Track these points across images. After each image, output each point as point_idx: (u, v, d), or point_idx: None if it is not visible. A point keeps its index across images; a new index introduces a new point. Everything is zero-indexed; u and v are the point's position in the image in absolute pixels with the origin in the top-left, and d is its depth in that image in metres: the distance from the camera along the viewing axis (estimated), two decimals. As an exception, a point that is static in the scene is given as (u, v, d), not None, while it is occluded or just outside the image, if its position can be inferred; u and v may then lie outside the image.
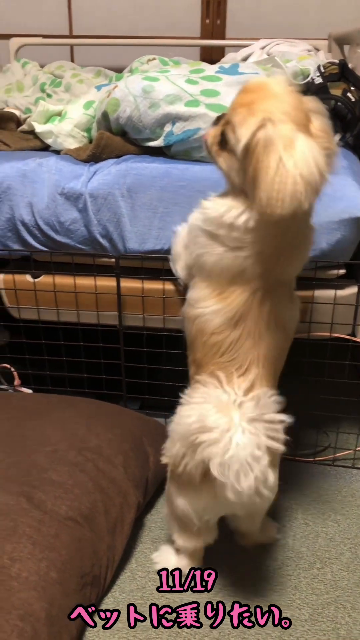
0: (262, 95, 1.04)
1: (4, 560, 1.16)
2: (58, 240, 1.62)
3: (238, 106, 1.06)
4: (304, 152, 0.99)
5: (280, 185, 0.97)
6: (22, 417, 1.60)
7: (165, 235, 1.58)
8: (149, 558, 1.43)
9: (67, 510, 1.30)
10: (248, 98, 1.05)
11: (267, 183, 0.98)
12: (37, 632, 1.08)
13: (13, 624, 1.07)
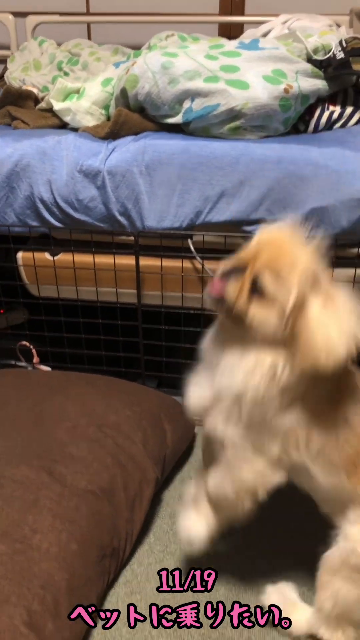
0: (290, 245, 1.00)
1: (25, 531, 1.18)
2: (76, 218, 1.62)
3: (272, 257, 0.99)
4: (348, 307, 0.98)
5: (327, 342, 0.95)
6: (42, 394, 1.62)
7: (184, 212, 1.57)
8: (167, 532, 1.45)
9: (87, 484, 1.31)
10: (279, 249, 1.00)
11: (314, 338, 0.95)
12: (58, 600, 1.11)
13: (34, 592, 1.09)
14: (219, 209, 1.56)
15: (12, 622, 1.04)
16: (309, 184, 1.51)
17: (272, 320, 0.98)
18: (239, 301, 0.99)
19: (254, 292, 0.98)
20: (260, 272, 0.98)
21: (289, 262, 0.97)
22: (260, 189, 1.53)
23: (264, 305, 0.98)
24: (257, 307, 0.98)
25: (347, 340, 0.95)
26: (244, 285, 0.99)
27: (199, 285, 1.66)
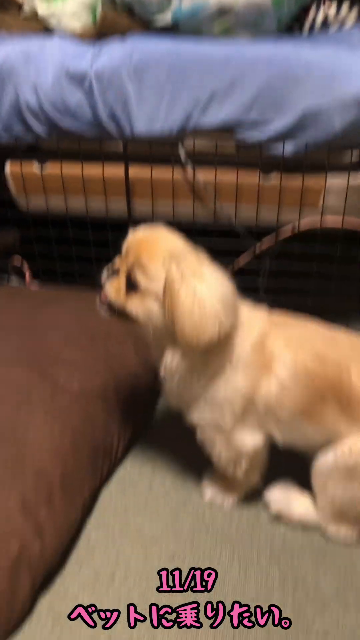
0: (154, 237, 1.09)
1: (19, 426, 1.20)
2: (64, 124, 1.57)
3: (136, 251, 1.07)
4: (213, 278, 1.04)
5: (200, 313, 1.00)
6: (35, 306, 1.62)
7: (174, 116, 1.53)
8: (161, 437, 1.48)
9: (79, 386, 1.33)
10: (141, 243, 1.08)
11: (187, 314, 1.00)
12: (52, 490, 1.13)
13: (29, 482, 1.12)
14: (210, 112, 1.52)
15: (7, 505, 1.07)
16: (302, 85, 1.46)
17: (150, 310, 1.06)
18: (118, 299, 1.09)
19: (129, 288, 1.07)
20: (130, 269, 1.06)
21: (152, 253, 1.05)
22: (251, 90, 1.48)
23: (139, 298, 1.06)
24: (134, 301, 1.07)
25: (211, 321, 1.01)
26: (120, 284, 1.08)
27: (191, 195, 1.63)
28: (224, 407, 1.12)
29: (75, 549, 1.17)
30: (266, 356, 1.11)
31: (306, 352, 1.12)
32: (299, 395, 1.11)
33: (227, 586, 1.10)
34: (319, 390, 1.11)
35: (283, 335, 1.14)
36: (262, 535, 1.21)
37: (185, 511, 1.26)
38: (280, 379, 1.11)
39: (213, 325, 1.01)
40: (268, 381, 1.11)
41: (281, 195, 1.59)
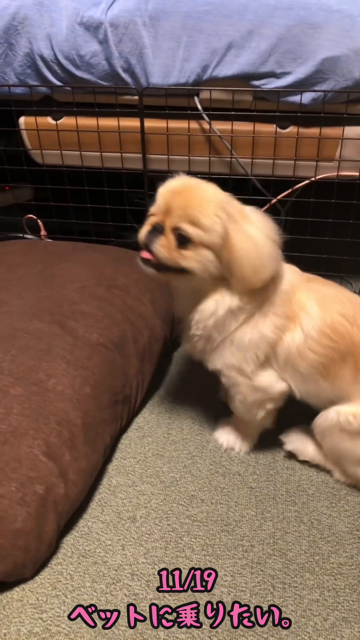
0: (195, 189, 1.07)
1: (40, 375, 1.23)
2: (78, 75, 1.56)
3: (182, 206, 1.05)
4: (259, 218, 1.07)
5: (258, 253, 1.04)
6: (52, 259, 1.63)
7: (190, 67, 1.51)
8: (177, 387, 1.51)
9: (98, 337, 1.35)
10: (185, 197, 1.06)
11: (247, 257, 1.03)
12: (74, 435, 1.17)
13: (51, 427, 1.15)
14: (226, 62, 1.50)
15: (32, 451, 1.10)
16: (321, 32, 1.43)
17: (207, 261, 1.06)
18: (171, 256, 1.07)
19: (180, 243, 1.05)
20: (178, 224, 1.04)
21: (199, 204, 1.04)
22: (270, 39, 1.46)
23: (194, 252, 1.05)
24: (189, 255, 1.06)
25: (268, 258, 1.05)
26: (169, 241, 1.06)
27: (207, 147, 1.62)
28: (249, 352, 1.14)
29: (97, 493, 1.21)
30: (294, 307, 1.13)
31: (335, 311, 1.13)
32: (321, 351, 1.13)
33: (244, 527, 1.15)
34: (342, 350, 1.13)
35: (314, 289, 1.16)
36: (279, 478, 1.25)
37: (202, 456, 1.30)
38: (306, 331, 1.12)
39: (270, 262, 1.05)
40: (293, 332, 1.13)
41: (297, 147, 1.57)
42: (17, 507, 1.04)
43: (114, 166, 1.70)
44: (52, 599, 1.01)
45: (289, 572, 1.06)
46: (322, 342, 1.12)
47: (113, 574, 1.06)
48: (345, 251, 1.68)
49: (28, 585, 1.04)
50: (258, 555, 1.09)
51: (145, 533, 1.13)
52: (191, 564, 1.07)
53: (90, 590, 1.03)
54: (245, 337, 1.13)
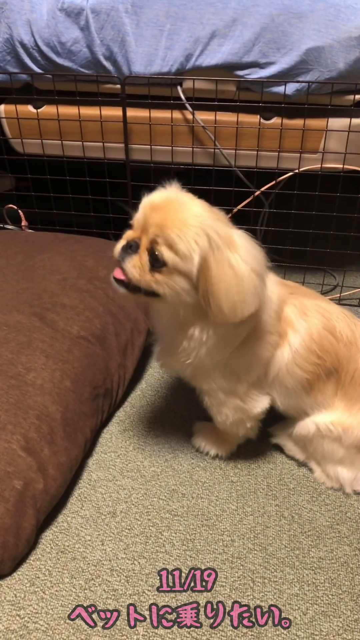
0: (177, 206, 0.95)
1: (19, 369, 1.21)
2: (59, 63, 1.53)
3: (159, 224, 0.93)
4: (246, 246, 0.95)
5: (239, 288, 0.93)
6: (32, 250, 1.61)
7: (173, 55, 1.49)
8: (158, 380, 1.50)
9: (79, 330, 1.33)
10: (164, 214, 0.94)
11: (225, 290, 0.93)
12: (53, 429, 1.15)
13: (30, 422, 1.13)
14: (210, 51, 1.48)
15: (10, 445, 1.09)
16: (306, 21, 1.42)
17: (181, 289, 0.96)
18: (142, 278, 0.96)
19: (153, 266, 0.95)
20: (153, 244, 0.94)
21: (178, 225, 0.92)
22: (253, 28, 1.44)
23: (168, 277, 0.95)
24: (162, 279, 0.96)
25: (251, 294, 0.94)
26: (142, 262, 0.96)
27: (190, 137, 1.60)
28: (243, 374, 1.11)
29: (77, 488, 1.20)
30: (282, 323, 1.10)
31: (321, 326, 1.11)
32: (308, 367, 1.11)
33: (225, 521, 1.14)
34: (327, 367, 1.12)
35: (299, 303, 1.12)
36: (260, 472, 1.24)
37: (183, 450, 1.29)
38: (294, 348, 1.10)
39: (252, 298, 0.95)
40: (282, 349, 1.10)
41: (281, 138, 1.56)
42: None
43: (96, 156, 1.67)
44: (30, 595, 1.00)
45: (269, 567, 1.06)
46: (309, 359, 1.10)
47: (92, 570, 1.05)
48: (329, 244, 1.68)
49: (6, 582, 1.02)
50: (238, 550, 1.09)
51: (125, 528, 1.12)
52: (171, 559, 1.07)
53: (69, 587, 1.02)
54: (241, 361, 1.09)
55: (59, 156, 1.69)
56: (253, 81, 1.49)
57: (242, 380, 1.12)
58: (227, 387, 1.13)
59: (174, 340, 1.08)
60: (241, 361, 1.10)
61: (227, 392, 1.14)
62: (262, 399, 1.16)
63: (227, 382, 1.13)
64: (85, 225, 1.83)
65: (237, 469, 1.25)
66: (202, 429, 1.31)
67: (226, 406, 1.16)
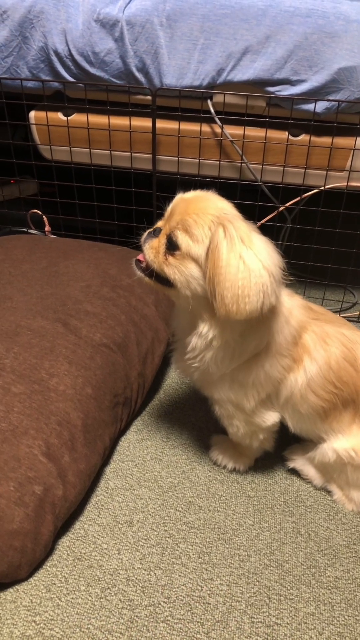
0: (202, 199, 1.02)
1: (42, 374, 1.22)
2: (92, 73, 1.54)
3: (182, 212, 0.99)
4: (262, 245, 0.96)
5: (244, 281, 0.92)
6: (56, 256, 1.62)
7: (205, 69, 1.50)
8: (176, 390, 1.50)
9: (101, 337, 1.34)
10: (188, 204, 1.00)
11: (230, 280, 0.92)
12: (74, 436, 1.16)
13: (52, 428, 1.14)
14: (242, 67, 1.49)
15: (32, 451, 1.09)
16: (339, 41, 1.43)
17: (190, 274, 0.99)
18: (156, 260, 1.02)
19: (169, 248, 1.00)
20: (172, 229, 1.00)
21: (198, 214, 0.97)
22: (286, 45, 1.45)
23: (179, 260, 0.99)
24: (174, 263, 1.00)
25: (256, 290, 0.93)
26: (159, 244, 1.02)
27: (217, 150, 1.61)
28: (250, 390, 1.11)
29: (94, 495, 1.20)
30: (299, 348, 1.10)
31: (341, 356, 1.10)
32: (324, 396, 1.11)
33: (241, 536, 1.14)
34: (344, 397, 1.11)
35: (320, 331, 1.11)
36: (277, 488, 1.24)
37: (201, 462, 1.29)
38: (309, 375, 1.10)
39: (257, 295, 0.93)
40: (296, 374, 1.10)
41: (308, 155, 1.57)
42: (14, 507, 1.03)
43: (123, 165, 1.69)
44: (46, 601, 1.01)
45: (285, 584, 1.06)
46: (326, 388, 1.10)
47: (108, 579, 1.05)
48: (351, 262, 1.68)
49: (22, 587, 1.03)
50: (254, 566, 1.09)
51: (141, 538, 1.12)
52: (187, 571, 1.07)
53: (84, 594, 1.02)
54: (249, 377, 1.09)
55: (86, 164, 1.70)
56: (283, 98, 1.50)
57: (249, 397, 1.12)
58: (234, 400, 1.14)
59: (185, 340, 1.10)
60: (248, 376, 1.10)
61: (234, 404, 1.14)
62: (270, 414, 1.16)
63: (234, 394, 1.13)
64: (108, 233, 1.84)
65: (254, 484, 1.25)
66: (219, 443, 1.31)
67: (236, 418, 1.17)
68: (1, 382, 1.17)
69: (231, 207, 1.03)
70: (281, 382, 1.11)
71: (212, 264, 0.94)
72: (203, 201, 1.01)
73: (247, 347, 1.06)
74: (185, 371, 1.17)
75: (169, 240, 1.00)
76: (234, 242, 0.94)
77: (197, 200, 1.02)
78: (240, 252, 0.93)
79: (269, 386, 1.11)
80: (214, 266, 0.94)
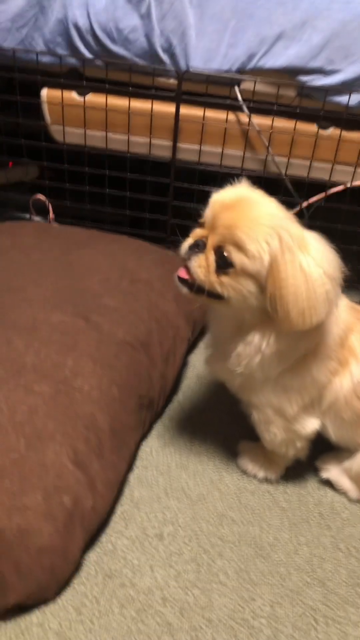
0: (247, 204, 0.90)
1: (66, 373, 1.12)
2: (114, 51, 1.44)
3: (228, 224, 0.88)
4: (319, 248, 0.89)
5: (309, 293, 0.86)
6: (67, 246, 1.52)
7: (235, 53, 1.42)
8: (196, 392, 1.42)
9: (124, 334, 1.25)
10: (234, 213, 0.89)
11: (294, 294, 0.86)
12: (102, 441, 1.07)
13: (79, 432, 1.05)
14: (274, 53, 1.41)
15: (59, 458, 1.00)
16: (378, 31, 1.37)
17: (247, 292, 0.90)
18: (207, 279, 0.91)
19: (220, 266, 0.90)
20: (220, 244, 0.89)
21: (249, 225, 0.87)
22: (323, 33, 1.38)
23: (234, 279, 0.90)
24: (228, 282, 0.90)
25: (321, 300, 0.88)
26: (208, 262, 0.91)
27: (242, 141, 1.53)
28: (294, 395, 1.04)
29: (119, 505, 1.11)
30: (345, 350, 1.03)
31: None
32: None
33: (279, 552, 1.07)
34: None
35: None
36: (310, 499, 1.18)
37: (228, 470, 1.22)
38: (356, 378, 1.03)
39: (323, 304, 0.88)
40: (341, 377, 1.04)
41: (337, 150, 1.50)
42: (43, 520, 0.93)
43: (140, 152, 1.59)
44: (76, 624, 0.91)
45: (331, 605, 0.99)
46: None
47: (143, 599, 0.96)
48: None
49: (49, 608, 0.93)
50: (296, 584, 1.02)
51: (174, 553, 1.04)
52: (226, 590, 0.99)
53: (118, 617, 0.93)
54: (295, 381, 1.02)
55: (100, 149, 1.60)
56: (316, 88, 1.43)
57: (293, 402, 1.05)
58: (276, 405, 1.06)
59: (228, 346, 1.01)
60: (294, 380, 1.03)
61: (275, 410, 1.07)
62: (312, 421, 1.09)
63: (276, 399, 1.06)
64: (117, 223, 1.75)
65: (287, 495, 1.18)
66: (248, 450, 1.23)
67: (274, 424, 1.09)
68: (23, 381, 1.07)
69: (278, 207, 0.93)
70: (326, 386, 1.04)
71: (273, 281, 0.87)
72: (250, 208, 0.90)
73: (298, 351, 0.99)
74: (224, 376, 1.09)
75: (220, 256, 0.90)
76: (293, 252, 0.87)
77: (243, 207, 0.90)
78: (300, 263, 0.86)
79: (314, 390, 1.04)
80: (276, 283, 0.87)
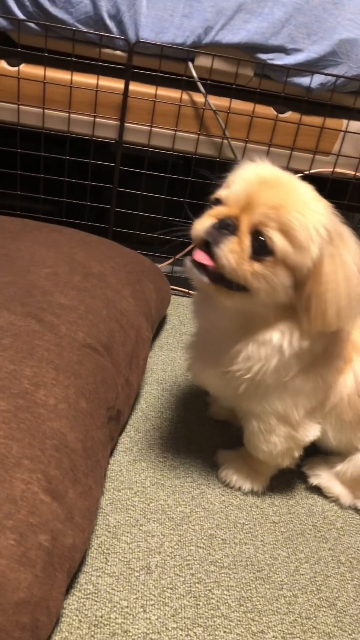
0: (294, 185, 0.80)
1: (25, 384, 0.93)
2: (52, 13, 1.27)
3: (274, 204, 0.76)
4: (353, 243, 0.81)
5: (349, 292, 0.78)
6: (3, 236, 1.31)
7: (191, 25, 1.30)
8: (159, 399, 1.28)
9: (85, 336, 1.08)
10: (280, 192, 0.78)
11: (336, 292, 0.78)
12: (75, 464, 0.90)
13: (49, 455, 0.87)
14: (233, 27, 1.31)
15: (30, 488, 0.82)
16: (342, 9, 1.30)
17: (280, 285, 0.79)
18: (240, 268, 0.78)
19: (256, 252, 0.77)
20: (262, 226, 0.77)
21: (299, 209, 0.76)
22: (285, 7, 1.29)
23: (270, 268, 0.78)
24: (262, 271, 0.78)
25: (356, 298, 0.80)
26: (243, 247, 0.77)
27: (195, 122, 1.41)
28: (302, 399, 0.93)
29: (95, 536, 0.95)
30: (349, 346, 0.95)
31: None
32: None
33: (280, 572, 0.96)
34: None
35: None
36: (301, 510, 1.08)
37: (209, 484, 1.09)
38: (359, 377, 0.95)
39: (357, 304, 0.79)
40: (345, 376, 0.95)
41: (296, 135, 1.42)
42: (18, 567, 0.75)
43: (82, 132, 1.42)
44: None
45: (345, 628, 0.89)
46: None
47: None
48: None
49: None
50: (305, 608, 0.91)
51: (166, 587, 0.90)
52: (231, 625, 0.86)
53: (116, 675, 0.77)
54: (307, 384, 0.91)
55: (35, 127, 1.41)
56: (276, 67, 1.34)
57: (300, 407, 0.95)
58: (281, 412, 0.95)
59: (228, 347, 0.89)
60: (306, 384, 0.92)
61: (280, 417, 0.96)
62: (314, 427, 1.00)
63: (282, 405, 0.94)
64: (50, 213, 1.56)
65: (275, 507, 1.08)
66: (229, 460, 1.11)
67: (275, 433, 0.98)
68: (-25, 397, 0.88)
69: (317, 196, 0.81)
70: (332, 387, 0.95)
71: (316, 277, 0.77)
72: (297, 190, 0.78)
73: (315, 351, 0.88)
74: (214, 383, 0.97)
75: (258, 241, 0.77)
76: (338, 247, 0.77)
77: (290, 188, 0.78)
78: (342, 259, 0.77)
79: (322, 392, 0.95)
80: (317, 279, 0.77)
